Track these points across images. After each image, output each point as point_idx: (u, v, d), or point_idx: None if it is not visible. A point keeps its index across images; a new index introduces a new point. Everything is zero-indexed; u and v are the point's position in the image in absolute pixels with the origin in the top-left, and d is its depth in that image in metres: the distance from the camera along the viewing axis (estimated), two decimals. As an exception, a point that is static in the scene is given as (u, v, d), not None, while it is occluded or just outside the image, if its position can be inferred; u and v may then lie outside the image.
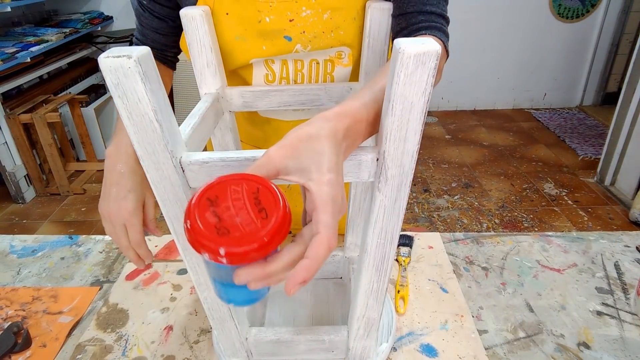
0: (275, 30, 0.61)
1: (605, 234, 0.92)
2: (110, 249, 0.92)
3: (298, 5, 0.60)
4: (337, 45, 0.63)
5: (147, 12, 0.66)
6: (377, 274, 0.51)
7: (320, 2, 0.59)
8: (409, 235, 0.90)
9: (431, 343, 0.68)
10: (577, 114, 3.75)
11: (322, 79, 0.68)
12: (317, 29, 0.62)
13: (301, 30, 0.62)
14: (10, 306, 0.77)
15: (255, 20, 0.61)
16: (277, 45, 0.63)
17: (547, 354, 0.65)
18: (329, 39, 0.62)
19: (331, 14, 0.60)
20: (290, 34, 0.62)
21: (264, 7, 0.60)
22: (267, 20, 0.60)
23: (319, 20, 0.61)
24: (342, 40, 0.63)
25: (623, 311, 0.73)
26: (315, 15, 0.60)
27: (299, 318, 0.73)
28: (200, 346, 0.68)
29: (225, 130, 0.65)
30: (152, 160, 0.41)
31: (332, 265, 0.79)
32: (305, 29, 0.61)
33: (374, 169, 0.42)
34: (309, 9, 0.60)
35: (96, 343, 0.69)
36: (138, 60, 0.35)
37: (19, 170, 2.60)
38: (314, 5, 0.60)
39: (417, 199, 2.62)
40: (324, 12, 0.60)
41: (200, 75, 0.60)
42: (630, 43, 3.50)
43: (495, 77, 3.79)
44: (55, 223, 2.49)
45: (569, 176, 2.80)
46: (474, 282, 0.80)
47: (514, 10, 3.51)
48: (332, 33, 0.62)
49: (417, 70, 0.36)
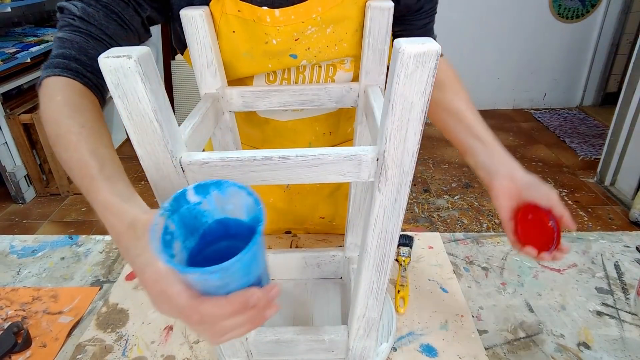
0: (282, 50, 0.62)
1: (605, 234, 0.92)
2: (110, 249, 0.92)
3: (304, 25, 0.60)
4: (341, 56, 0.64)
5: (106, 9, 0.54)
6: (377, 274, 0.51)
7: (324, 18, 0.60)
8: (409, 235, 0.90)
9: (431, 343, 0.68)
10: (577, 114, 3.75)
11: (324, 82, 0.69)
12: (322, 44, 0.62)
13: (306, 47, 0.62)
14: (10, 306, 0.77)
15: (262, 41, 0.61)
16: (283, 63, 0.64)
17: (547, 354, 0.65)
18: (333, 52, 0.63)
19: (334, 27, 0.61)
20: (295, 52, 0.62)
21: (271, 31, 0.60)
22: (273, 43, 0.61)
23: (322, 36, 0.61)
24: (345, 51, 0.63)
25: (623, 311, 0.73)
26: (319, 32, 0.61)
27: (299, 318, 0.73)
28: (200, 346, 0.68)
29: (225, 130, 0.65)
30: (152, 160, 0.41)
31: (332, 265, 0.79)
32: (310, 45, 0.62)
33: (374, 169, 0.42)
34: (314, 26, 0.60)
35: (96, 343, 0.69)
36: (138, 60, 0.35)
37: (19, 170, 2.60)
38: (318, 23, 0.60)
39: (417, 199, 2.62)
40: (327, 27, 0.61)
41: (200, 75, 0.60)
42: (630, 43, 3.50)
43: (495, 77, 3.79)
44: (55, 223, 2.49)
45: (569, 176, 2.80)
46: (474, 282, 0.80)
47: (514, 11, 3.50)
48: (335, 46, 0.63)
49: (417, 70, 0.36)
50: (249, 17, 0.59)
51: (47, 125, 0.47)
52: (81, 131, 0.44)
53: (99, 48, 0.53)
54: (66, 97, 0.48)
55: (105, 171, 0.42)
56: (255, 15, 0.59)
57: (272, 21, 0.59)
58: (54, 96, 0.48)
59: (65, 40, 0.52)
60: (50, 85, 0.50)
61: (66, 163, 0.44)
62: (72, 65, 0.51)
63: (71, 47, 0.52)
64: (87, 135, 0.44)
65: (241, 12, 0.59)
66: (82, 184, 0.43)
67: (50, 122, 0.46)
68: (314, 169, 0.42)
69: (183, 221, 0.36)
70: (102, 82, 0.53)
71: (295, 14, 0.59)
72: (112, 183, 0.42)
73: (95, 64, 0.50)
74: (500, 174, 0.61)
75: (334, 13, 0.59)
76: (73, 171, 0.44)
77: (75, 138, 0.44)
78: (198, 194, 0.36)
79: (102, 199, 0.41)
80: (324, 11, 0.59)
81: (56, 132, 0.45)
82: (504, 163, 0.62)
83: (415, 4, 0.64)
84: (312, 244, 0.91)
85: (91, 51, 0.52)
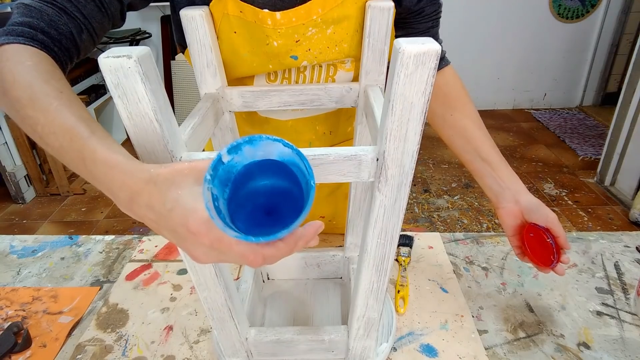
0: (283, 52, 0.62)
1: (605, 234, 0.92)
2: (110, 249, 0.92)
3: (305, 27, 0.60)
4: (342, 57, 0.64)
5: None
6: (377, 274, 0.51)
7: (324, 19, 0.60)
8: (409, 235, 0.90)
9: (431, 343, 0.68)
10: (577, 114, 3.75)
11: (324, 82, 0.69)
12: (322, 45, 0.62)
13: (307, 49, 0.62)
14: (10, 306, 0.77)
15: (263, 42, 0.61)
16: (284, 64, 0.64)
17: (547, 354, 0.65)
18: (333, 52, 0.63)
19: (334, 28, 0.61)
20: (296, 53, 0.62)
21: (272, 33, 0.60)
22: (274, 45, 0.61)
23: (323, 37, 0.62)
24: (346, 52, 0.64)
25: (623, 311, 0.73)
26: (319, 32, 0.61)
27: (299, 318, 0.73)
28: (200, 346, 0.68)
29: (225, 130, 0.65)
30: (152, 160, 0.41)
31: (332, 265, 0.79)
32: (311, 46, 0.62)
33: (374, 169, 0.42)
34: (314, 27, 0.61)
35: (96, 343, 0.69)
36: (138, 60, 0.35)
37: (19, 170, 2.60)
38: (319, 24, 0.60)
39: (417, 199, 2.62)
40: (327, 28, 0.61)
41: (200, 75, 0.60)
42: (630, 43, 3.50)
43: (495, 77, 3.79)
44: (55, 223, 2.49)
45: (569, 176, 2.80)
46: (474, 282, 0.80)
47: (514, 11, 3.50)
48: (336, 47, 0.63)
49: (417, 70, 0.36)
50: (250, 19, 0.59)
51: (16, 89, 0.42)
52: (60, 96, 0.41)
53: (71, 25, 0.49)
54: (37, 63, 0.44)
55: (97, 133, 0.39)
56: (257, 17, 0.59)
57: (273, 24, 0.59)
58: (22, 61, 0.44)
59: (33, 9, 0.48)
60: (14, 51, 0.45)
61: (46, 127, 0.40)
62: (40, 37, 0.47)
63: (40, 19, 0.47)
64: (68, 100, 0.41)
65: (243, 13, 0.59)
66: (72, 147, 0.39)
67: (21, 85, 0.42)
68: (314, 169, 0.42)
69: (220, 180, 0.35)
70: (68, 60, 0.50)
71: (296, 16, 0.59)
72: (108, 143, 0.39)
73: (64, 41, 0.49)
74: (506, 198, 0.69)
75: (335, 14, 0.59)
76: (57, 135, 0.40)
77: (55, 102, 0.41)
78: (230, 153, 0.35)
79: (103, 157, 0.38)
80: (324, 12, 0.59)
81: (30, 95, 0.41)
82: (510, 187, 0.69)
83: (415, 5, 0.64)
84: (312, 244, 0.91)
85: (62, 27, 0.48)
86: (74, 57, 0.51)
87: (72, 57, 0.51)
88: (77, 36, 0.50)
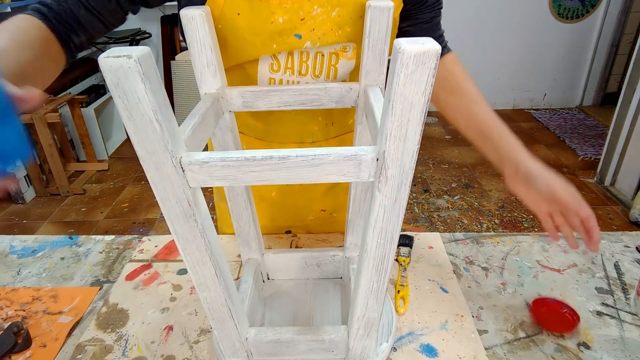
0: (287, 29, 0.63)
1: (605, 234, 0.92)
2: (110, 249, 0.92)
3: (310, 4, 0.62)
4: (344, 41, 0.66)
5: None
6: (377, 274, 0.51)
7: (330, 0, 0.61)
8: (409, 235, 0.90)
9: (431, 343, 0.68)
10: (577, 114, 3.75)
11: (327, 71, 0.70)
12: (326, 27, 0.64)
13: (311, 28, 0.63)
14: (10, 306, 0.77)
15: (268, 21, 0.62)
16: (288, 43, 0.65)
17: (547, 354, 0.65)
18: (337, 35, 0.65)
19: (339, 11, 0.62)
20: (300, 32, 0.64)
21: (277, 9, 0.61)
22: (279, 21, 0.62)
23: (327, 18, 0.63)
24: (348, 37, 0.65)
25: (623, 311, 0.73)
26: (324, 13, 0.63)
27: (299, 318, 0.73)
28: (200, 346, 0.68)
29: (225, 130, 0.65)
30: (152, 160, 0.41)
31: (332, 265, 0.79)
32: (315, 26, 0.63)
33: (374, 169, 0.42)
34: (320, 7, 0.62)
35: (96, 343, 0.69)
36: (138, 60, 0.35)
37: (19, 170, 2.60)
38: (324, 4, 0.62)
39: (417, 199, 2.62)
40: (333, 10, 0.62)
41: (200, 75, 0.60)
42: (630, 43, 3.50)
43: (495, 77, 3.79)
44: (55, 223, 2.49)
45: (569, 176, 2.80)
46: (474, 282, 0.80)
47: (514, 11, 3.51)
48: (340, 30, 0.64)
49: (417, 70, 0.36)
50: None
51: None
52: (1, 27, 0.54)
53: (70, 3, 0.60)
54: (21, 20, 0.56)
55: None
56: None
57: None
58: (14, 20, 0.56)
59: None
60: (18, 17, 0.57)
61: None
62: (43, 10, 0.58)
63: None
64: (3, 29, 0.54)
65: None
66: None
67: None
68: (314, 169, 0.42)
69: None
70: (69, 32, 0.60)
71: None
72: None
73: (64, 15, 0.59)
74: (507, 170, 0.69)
75: None
76: None
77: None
78: None
79: None
80: None
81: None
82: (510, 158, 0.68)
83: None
84: (312, 244, 0.91)
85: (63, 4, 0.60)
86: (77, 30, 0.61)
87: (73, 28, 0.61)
88: (76, 12, 0.61)
